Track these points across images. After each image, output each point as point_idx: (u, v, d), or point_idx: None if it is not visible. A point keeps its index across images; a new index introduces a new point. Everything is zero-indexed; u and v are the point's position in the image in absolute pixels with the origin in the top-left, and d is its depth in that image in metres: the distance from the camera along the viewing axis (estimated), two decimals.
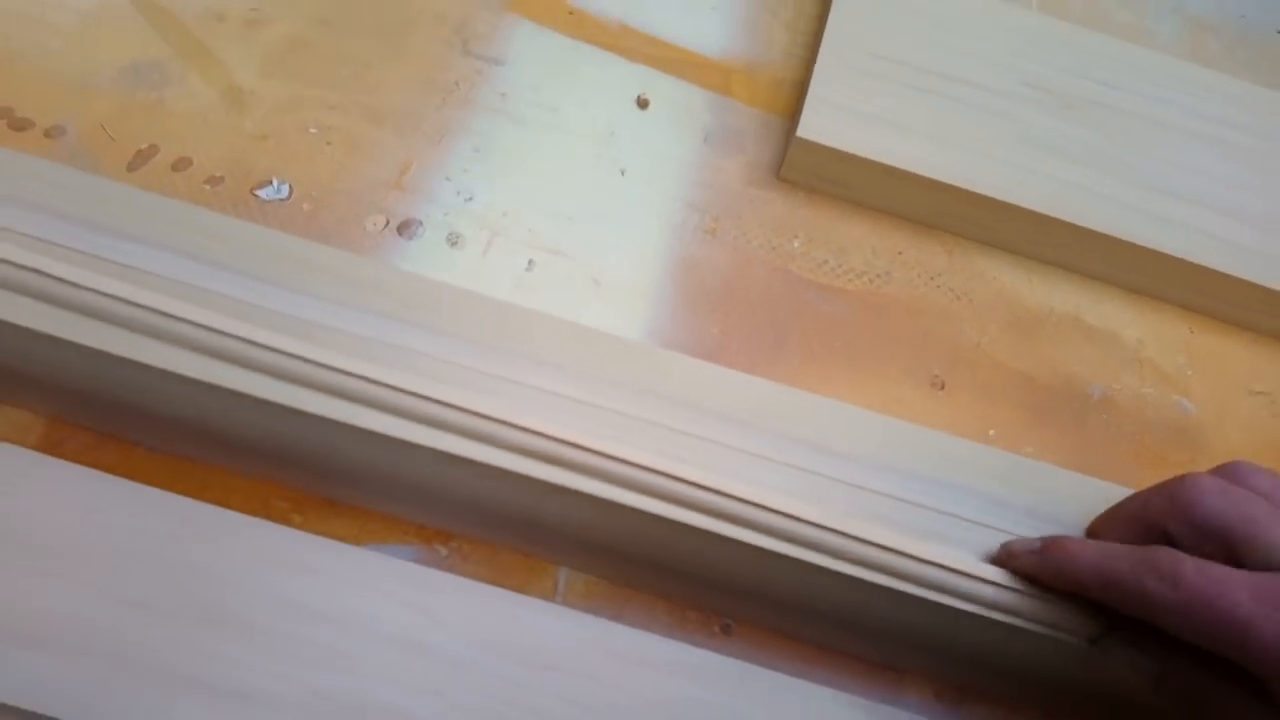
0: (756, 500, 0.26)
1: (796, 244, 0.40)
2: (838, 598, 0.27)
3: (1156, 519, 0.25)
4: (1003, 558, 0.27)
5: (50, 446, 0.29)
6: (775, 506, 0.26)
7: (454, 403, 0.25)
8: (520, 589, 0.29)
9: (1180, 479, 0.25)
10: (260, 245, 0.28)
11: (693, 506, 0.26)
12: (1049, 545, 0.26)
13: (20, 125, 0.36)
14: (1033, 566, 0.26)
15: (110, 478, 0.27)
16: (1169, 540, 0.24)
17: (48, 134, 0.36)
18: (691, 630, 0.30)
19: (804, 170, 0.41)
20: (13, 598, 0.24)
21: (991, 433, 0.36)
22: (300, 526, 0.29)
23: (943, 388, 0.37)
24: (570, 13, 0.46)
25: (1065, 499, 0.29)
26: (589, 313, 0.36)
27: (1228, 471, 0.25)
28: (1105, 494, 0.29)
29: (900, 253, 0.41)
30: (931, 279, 0.40)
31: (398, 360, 0.27)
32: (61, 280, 0.25)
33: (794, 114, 0.43)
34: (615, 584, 0.30)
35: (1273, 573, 0.22)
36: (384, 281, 0.29)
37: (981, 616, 0.26)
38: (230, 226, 0.29)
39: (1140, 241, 0.40)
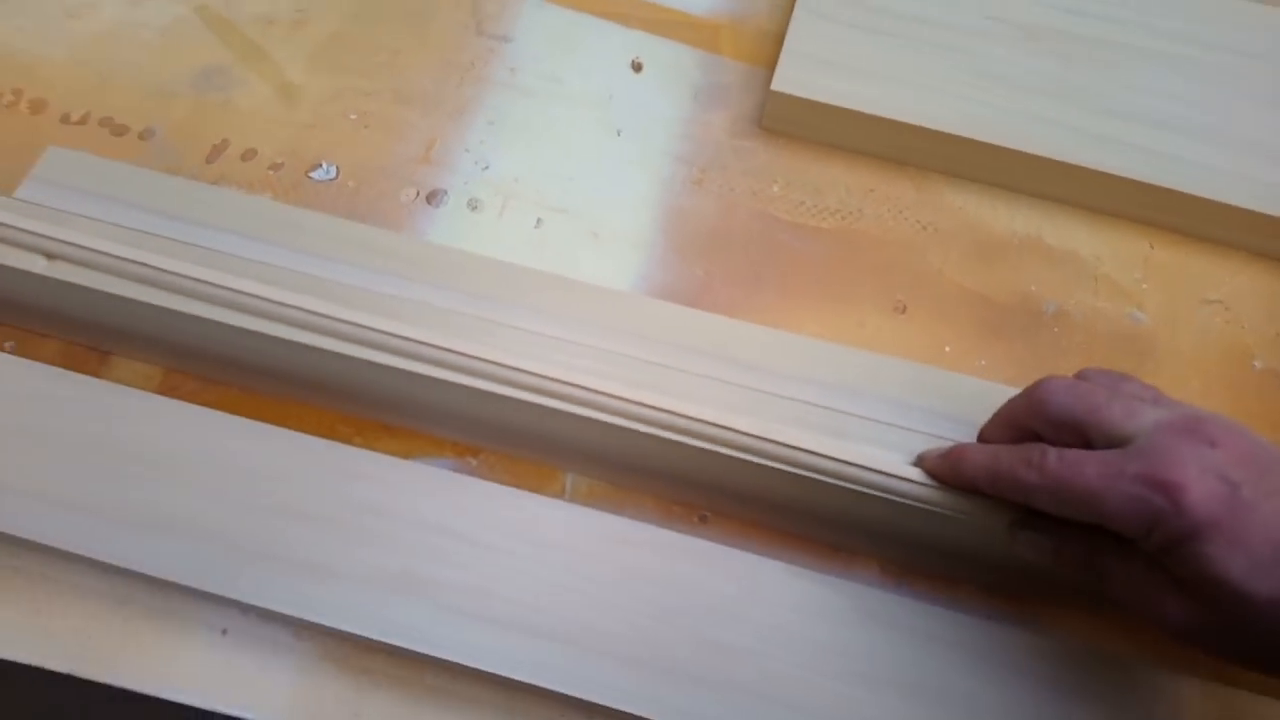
0: (711, 419, 0.32)
1: (776, 188, 0.45)
2: (789, 491, 0.33)
3: (1024, 420, 0.30)
4: (916, 463, 0.32)
5: (167, 390, 0.37)
6: (723, 423, 0.32)
7: (473, 353, 0.32)
8: (535, 490, 0.36)
9: (1037, 383, 0.30)
10: (311, 226, 0.35)
11: (662, 426, 0.33)
12: (950, 452, 0.31)
13: (119, 131, 0.44)
14: (938, 470, 0.31)
15: (213, 412, 0.35)
16: (1037, 436, 0.29)
17: (141, 136, 0.44)
18: (675, 520, 0.36)
19: (782, 119, 0.46)
20: (141, 500, 0.32)
21: (947, 349, 0.41)
22: (360, 445, 0.36)
23: (904, 311, 0.42)
24: None
25: (975, 404, 0.34)
26: (589, 262, 0.42)
27: (1079, 374, 0.30)
28: (1008, 396, 0.33)
29: (872, 190, 0.45)
30: (900, 212, 0.44)
31: (426, 316, 0.34)
32: (161, 269, 0.32)
33: (775, 65, 0.47)
34: (612, 485, 0.37)
35: (1115, 449, 0.27)
36: (411, 251, 0.36)
37: (910, 506, 0.32)
38: (285, 211, 0.36)
39: (1095, 166, 0.43)
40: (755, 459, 0.33)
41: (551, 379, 0.33)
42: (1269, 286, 0.43)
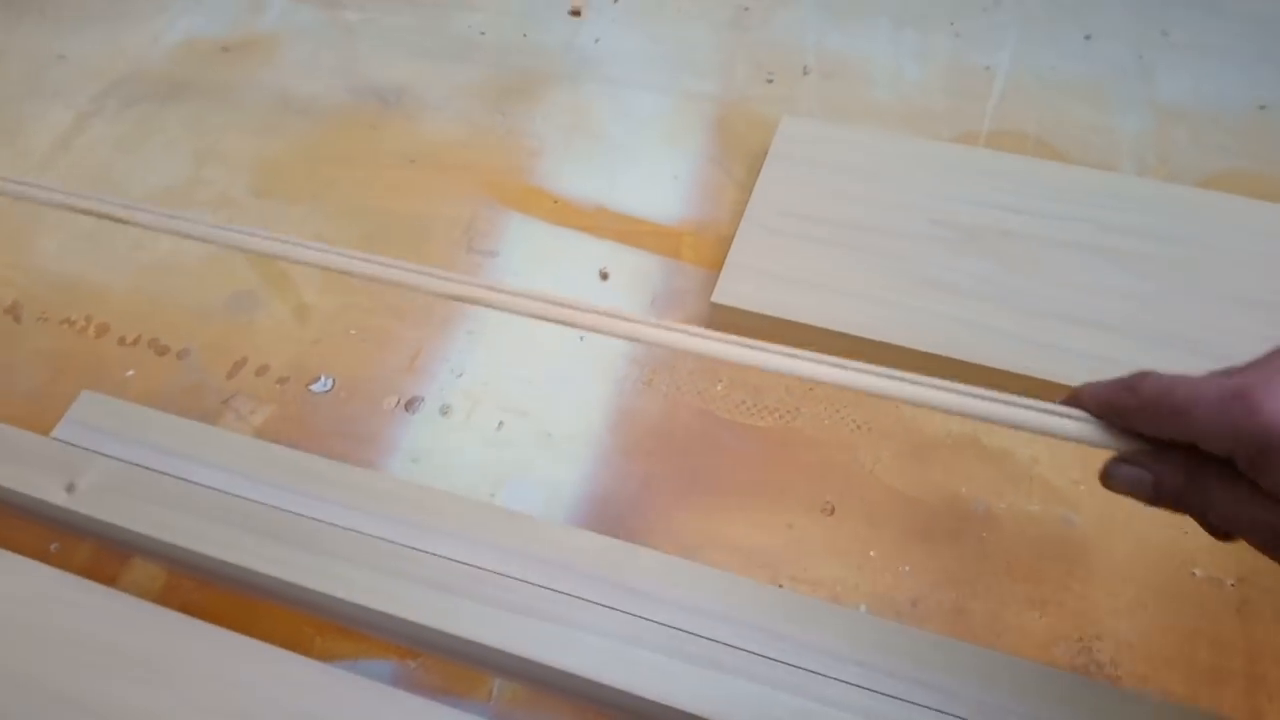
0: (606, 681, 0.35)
1: (720, 387, 0.48)
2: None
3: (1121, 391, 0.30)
4: (1070, 399, 0.32)
5: (170, 589, 0.43)
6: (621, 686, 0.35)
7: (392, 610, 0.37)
8: (464, 693, 0.39)
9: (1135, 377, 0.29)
10: (287, 462, 0.41)
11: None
12: (1072, 392, 0.32)
13: (162, 351, 0.53)
14: (1084, 396, 0.31)
15: (197, 622, 0.40)
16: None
17: (179, 355, 0.52)
18: None
19: (726, 325, 0.49)
20: (128, 699, 0.37)
21: (872, 553, 0.42)
22: (319, 646, 0.41)
23: (832, 513, 0.44)
24: (555, 202, 0.57)
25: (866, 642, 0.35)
26: (541, 461, 0.46)
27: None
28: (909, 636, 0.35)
29: (811, 389, 0.48)
30: (837, 411, 0.47)
31: (368, 550, 0.39)
32: (162, 509, 0.39)
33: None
34: (534, 692, 0.40)
35: (1211, 375, 0.27)
36: (361, 482, 0.41)
37: None
38: (270, 450, 0.42)
39: (1026, 372, 0.44)
40: (654, 702, 0.35)
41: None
42: None
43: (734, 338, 0.48)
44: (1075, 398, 0.32)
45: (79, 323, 0.54)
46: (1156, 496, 0.29)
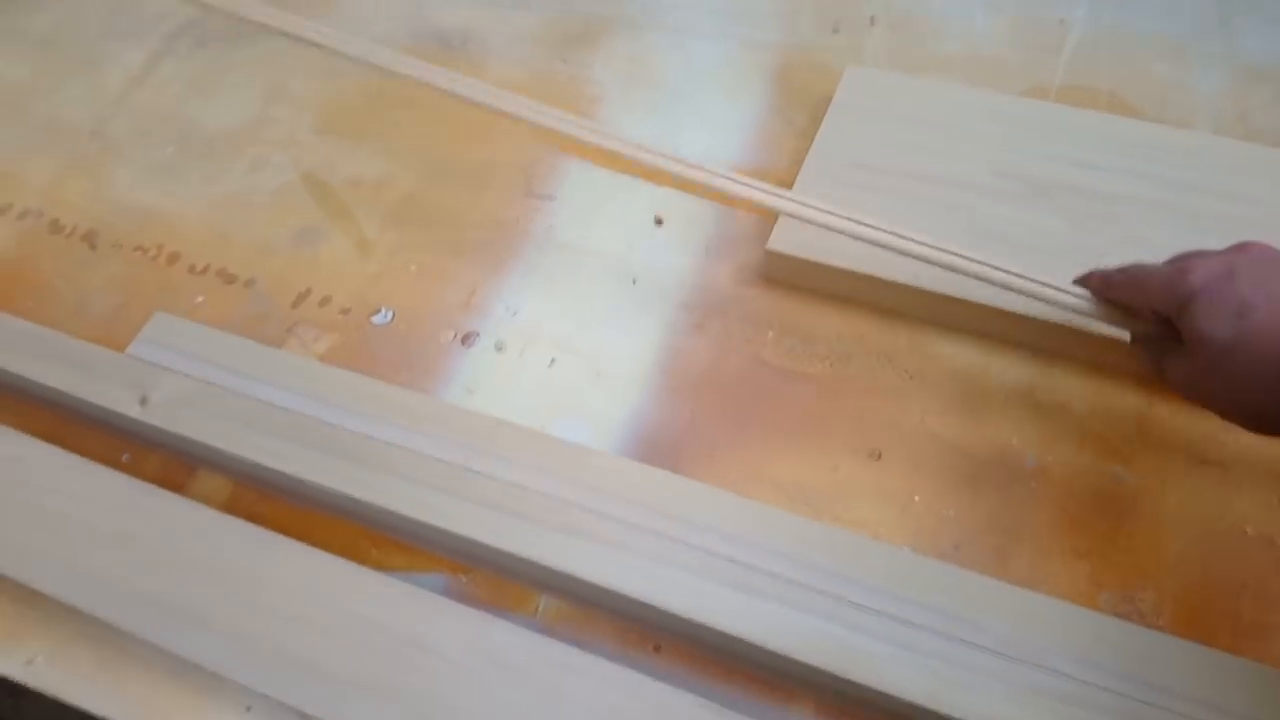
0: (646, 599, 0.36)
1: (771, 334, 0.48)
2: (725, 642, 0.37)
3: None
4: (1082, 279, 0.40)
5: (234, 501, 0.45)
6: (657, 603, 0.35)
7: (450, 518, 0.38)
8: (512, 608, 0.41)
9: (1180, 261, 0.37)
10: (345, 384, 0.43)
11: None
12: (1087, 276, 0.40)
13: (229, 280, 0.54)
14: (1091, 277, 0.40)
15: (262, 530, 0.42)
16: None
17: (245, 285, 0.54)
18: (630, 648, 0.40)
19: (780, 272, 0.49)
20: (198, 600, 0.40)
21: (916, 498, 0.42)
22: (376, 558, 0.43)
23: (879, 458, 0.44)
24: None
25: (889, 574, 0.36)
26: (591, 399, 0.47)
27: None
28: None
29: (862, 337, 0.48)
30: (889, 361, 0.47)
31: (424, 466, 0.40)
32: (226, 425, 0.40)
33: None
34: (578, 610, 0.41)
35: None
36: (421, 406, 0.42)
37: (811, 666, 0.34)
38: (331, 373, 0.44)
39: (1086, 328, 0.44)
40: (691, 621, 0.36)
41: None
42: (1275, 450, 0.42)
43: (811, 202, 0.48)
44: (1084, 279, 0.40)
45: (151, 250, 0.56)
46: (1131, 345, 0.40)
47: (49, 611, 0.42)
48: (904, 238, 0.41)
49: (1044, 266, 0.45)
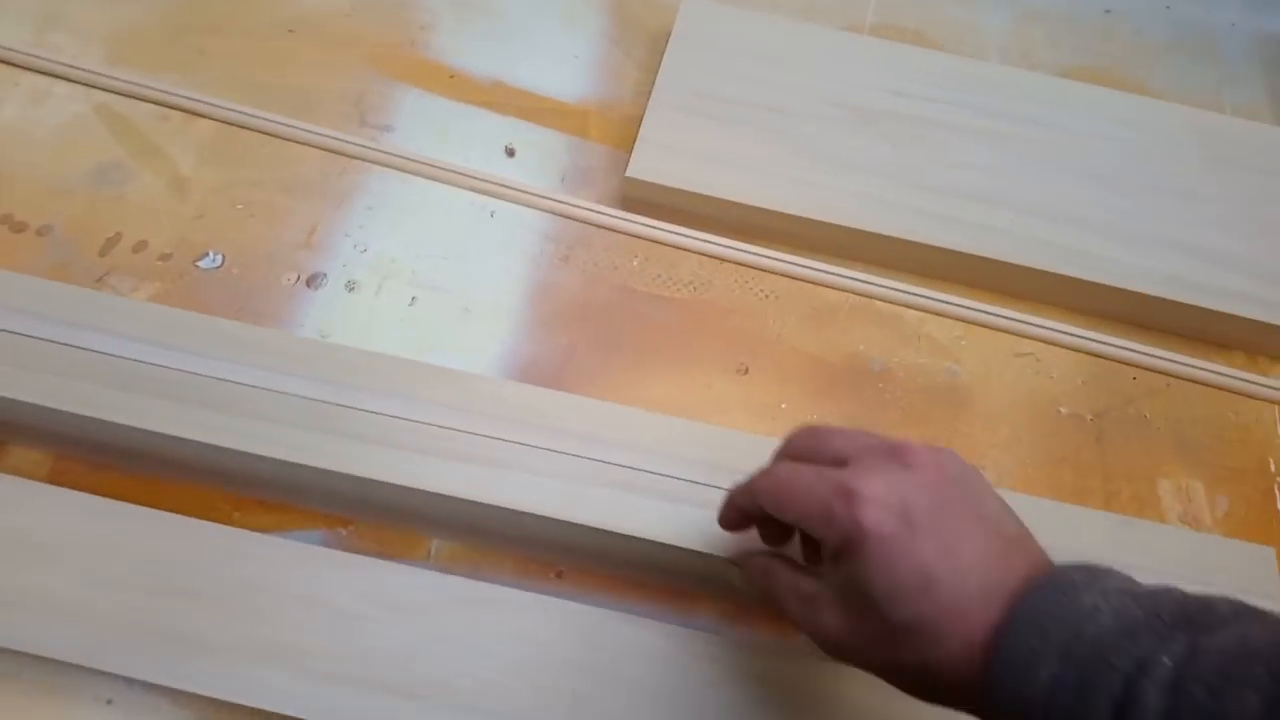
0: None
1: (636, 262, 0.49)
2: (626, 552, 0.37)
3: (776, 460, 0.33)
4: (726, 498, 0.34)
5: (57, 476, 0.40)
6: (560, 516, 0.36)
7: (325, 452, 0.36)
8: (401, 556, 0.39)
9: (753, 478, 0.32)
10: (186, 324, 0.38)
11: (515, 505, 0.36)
12: (729, 497, 0.33)
13: (18, 228, 0.47)
14: (722, 510, 0.33)
15: (99, 498, 0.38)
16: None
17: (39, 233, 0.47)
18: (533, 577, 0.40)
19: (640, 201, 0.50)
20: (29, 584, 0.35)
21: (783, 405, 0.45)
22: (239, 521, 0.39)
23: (746, 372, 0.46)
24: (451, 76, 0.55)
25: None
26: (460, 337, 0.46)
27: (788, 438, 0.32)
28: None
29: (721, 263, 0.49)
30: (746, 282, 0.49)
31: (290, 407, 0.37)
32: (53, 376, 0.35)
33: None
34: (473, 548, 0.40)
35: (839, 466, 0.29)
36: (278, 344, 0.39)
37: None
38: (165, 313, 0.39)
39: (920, 239, 0.48)
40: (594, 530, 0.37)
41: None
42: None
43: (648, 220, 0.49)
44: (727, 500, 0.33)
45: None
46: (746, 572, 0.33)
47: None
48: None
49: (878, 187, 0.49)
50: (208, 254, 0.47)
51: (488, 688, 0.35)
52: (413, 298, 0.47)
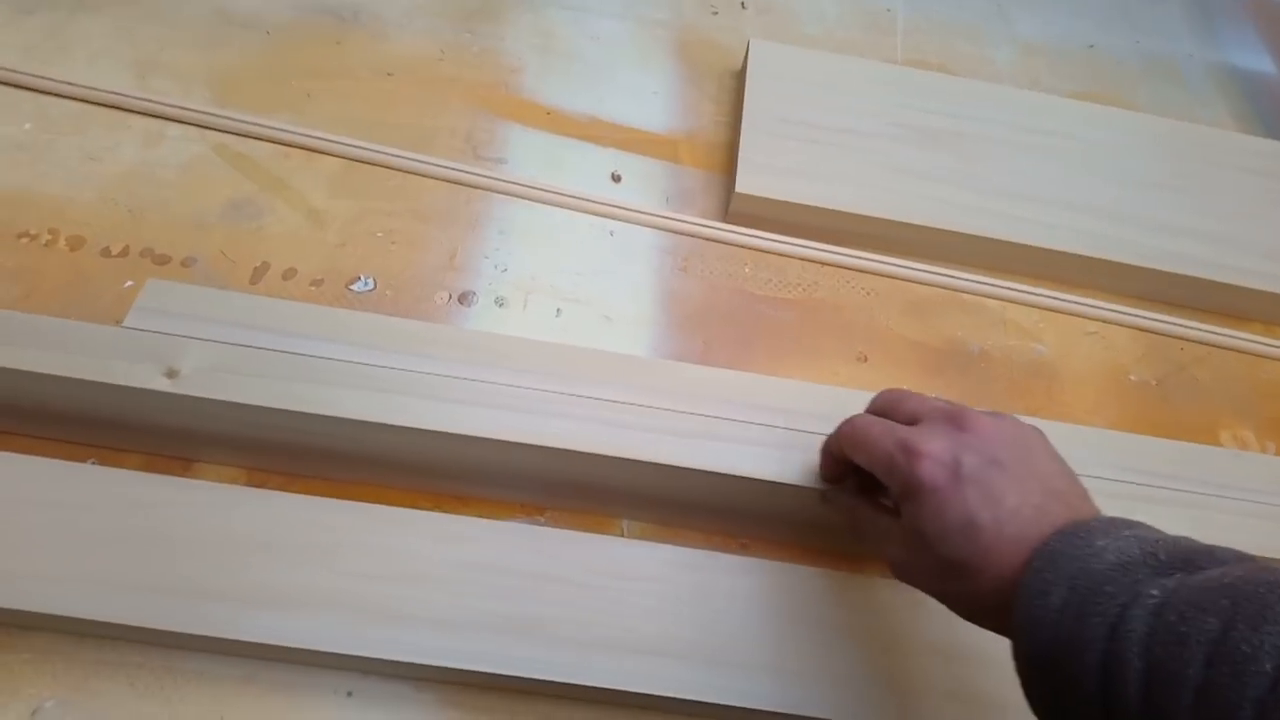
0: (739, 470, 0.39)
1: (747, 269, 0.54)
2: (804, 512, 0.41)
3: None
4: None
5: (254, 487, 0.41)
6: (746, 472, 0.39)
7: (528, 416, 0.39)
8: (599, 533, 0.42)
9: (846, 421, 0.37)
10: (378, 328, 0.41)
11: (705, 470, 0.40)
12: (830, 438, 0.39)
13: (161, 260, 0.48)
14: (827, 440, 0.39)
15: (304, 497, 0.39)
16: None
17: (183, 264, 0.48)
18: (718, 549, 0.43)
19: (744, 214, 0.55)
20: (254, 581, 0.36)
21: (904, 387, 0.50)
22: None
23: (866, 360, 0.51)
24: (548, 113, 0.59)
25: None
26: (607, 342, 0.49)
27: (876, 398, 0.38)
28: None
29: (824, 264, 0.55)
30: (848, 282, 0.54)
31: (482, 394, 0.40)
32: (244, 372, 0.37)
33: (728, 170, 0.57)
34: (661, 524, 0.43)
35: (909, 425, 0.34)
36: (465, 340, 0.42)
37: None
38: (359, 319, 0.41)
39: (990, 235, 0.55)
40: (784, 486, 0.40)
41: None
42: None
43: (753, 231, 0.55)
44: (826, 443, 0.39)
45: (42, 236, 0.48)
46: (828, 505, 0.39)
47: (52, 648, 0.36)
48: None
49: (949, 192, 0.56)
50: (359, 278, 0.49)
51: (706, 635, 0.38)
52: (557, 310, 0.50)
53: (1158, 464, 0.43)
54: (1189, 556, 0.28)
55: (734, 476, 0.40)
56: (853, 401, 0.43)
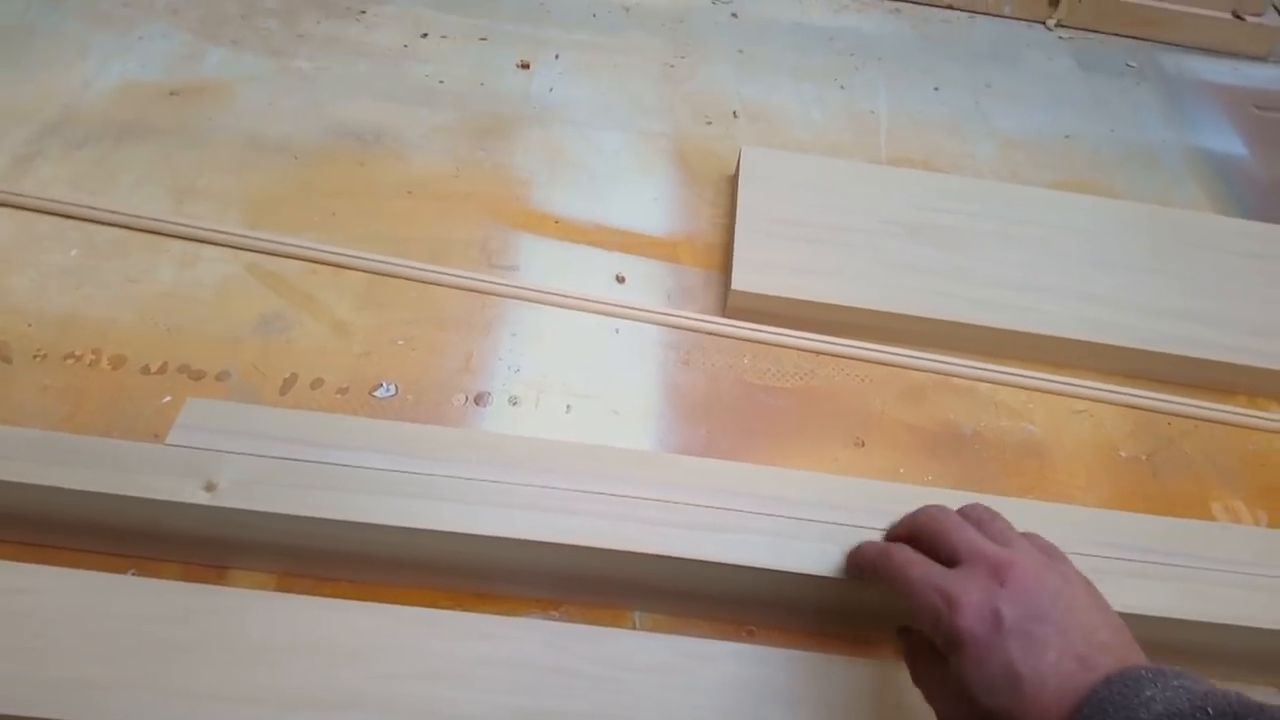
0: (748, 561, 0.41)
1: (746, 361, 0.57)
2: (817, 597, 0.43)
3: (907, 529, 0.41)
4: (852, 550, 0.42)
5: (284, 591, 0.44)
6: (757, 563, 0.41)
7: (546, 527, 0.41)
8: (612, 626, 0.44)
9: (922, 507, 0.40)
10: (406, 435, 0.44)
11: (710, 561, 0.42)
12: (855, 548, 0.41)
13: (197, 375, 0.52)
14: (848, 561, 0.41)
15: (334, 600, 0.41)
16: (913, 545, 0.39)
17: (218, 378, 0.52)
18: (728, 638, 0.45)
19: (742, 310, 0.58)
20: (287, 686, 0.38)
21: (900, 470, 0.52)
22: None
23: (863, 445, 0.53)
24: (556, 222, 0.64)
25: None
26: (615, 435, 0.52)
27: (963, 508, 0.40)
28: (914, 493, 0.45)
29: (819, 354, 0.58)
30: (844, 370, 0.57)
31: (500, 495, 0.42)
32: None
33: (725, 268, 0.61)
34: (672, 615, 0.45)
35: (947, 567, 0.35)
36: (475, 441, 0.45)
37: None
38: (390, 427, 0.44)
39: (977, 322, 0.58)
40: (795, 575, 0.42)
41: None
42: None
43: (751, 325, 0.58)
44: (854, 554, 0.41)
45: (86, 356, 0.52)
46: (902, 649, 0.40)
47: None
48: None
49: (936, 282, 0.59)
50: (381, 384, 0.52)
51: None
52: (568, 406, 0.53)
53: (1146, 539, 0.45)
54: (1240, 712, 0.28)
55: (738, 566, 0.42)
56: (851, 491, 0.46)
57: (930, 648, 0.36)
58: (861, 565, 0.41)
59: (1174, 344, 0.58)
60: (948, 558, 0.36)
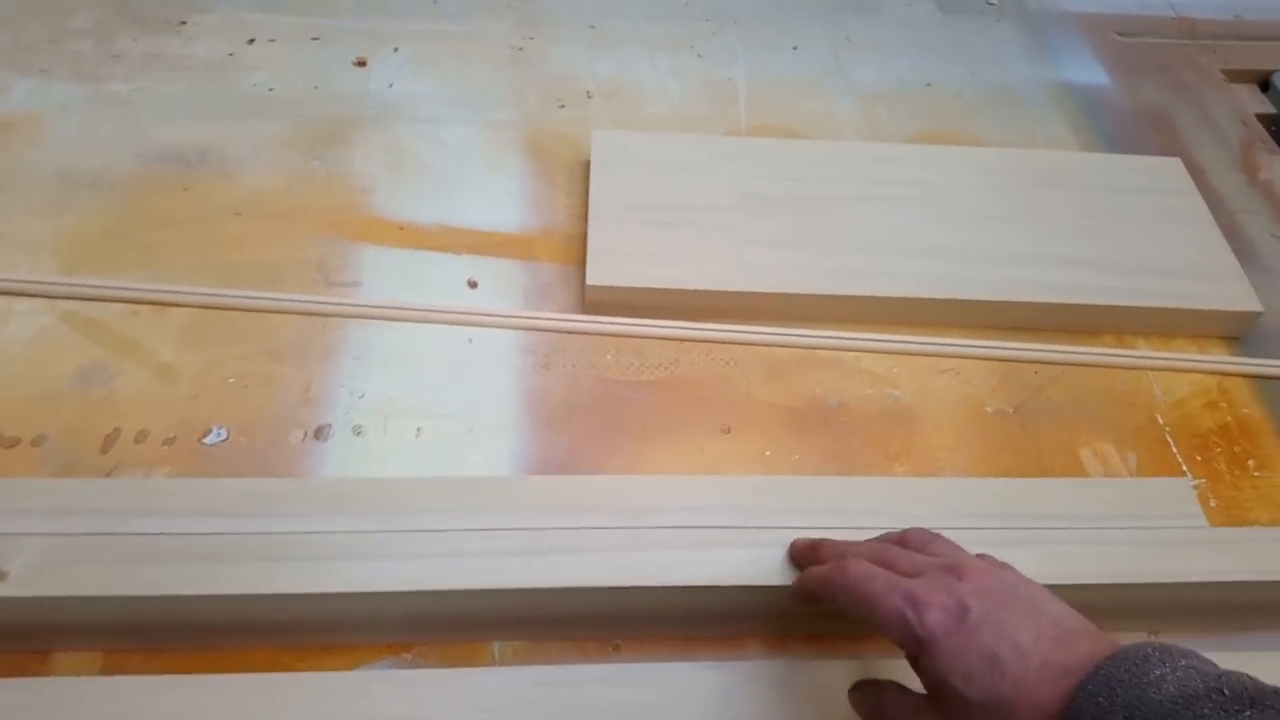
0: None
1: (609, 357, 0.55)
2: (683, 604, 0.42)
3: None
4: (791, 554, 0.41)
5: (112, 670, 0.40)
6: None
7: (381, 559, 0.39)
8: (468, 664, 0.42)
9: (841, 563, 0.37)
10: (217, 491, 0.41)
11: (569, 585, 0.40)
12: (801, 576, 0.39)
13: (10, 444, 0.48)
14: (799, 583, 0.39)
15: (167, 677, 0.39)
16: None
17: (34, 443, 0.48)
18: (592, 655, 0.43)
19: (600, 304, 0.56)
20: None
21: (767, 453, 0.51)
22: (309, 670, 0.41)
23: (729, 431, 0.52)
24: (400, 229, 0.60)
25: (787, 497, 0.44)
26: (469, 455, 0.50)
27: (903, 534, 0.38)
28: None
29: (683, 341, 0.56)
30: (708, 355, 0.56)
31: (329, 548, 0.40)
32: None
33: (584, 262, 0.58)
34: (533, 641, 0.43)
35: (908, 577, 0.34)
36: (301, 490, 0.42)
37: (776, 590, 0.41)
38: (182, 484, 0.41)
39: (837, 292, 0.56)
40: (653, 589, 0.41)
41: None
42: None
43: (610, 319, 0.56)
44: (802, 578, 0.39)
45: None
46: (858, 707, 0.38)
47: None
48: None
49: (796, 255, 0.58)
50: (211, 430, 0.49)
51: None
52: (418, 429, 0.50)
53: (1006, 504, 0.45)
54: (1256, 696, 0.27)
55: (595, 589, 0.40)
56: (711, 489, 0.44)
57: (897, 691, 0.36)
58: (811, 589, 0.38)
59: (1035, 291, 0.58)
60: (905, 575, 0.35)
